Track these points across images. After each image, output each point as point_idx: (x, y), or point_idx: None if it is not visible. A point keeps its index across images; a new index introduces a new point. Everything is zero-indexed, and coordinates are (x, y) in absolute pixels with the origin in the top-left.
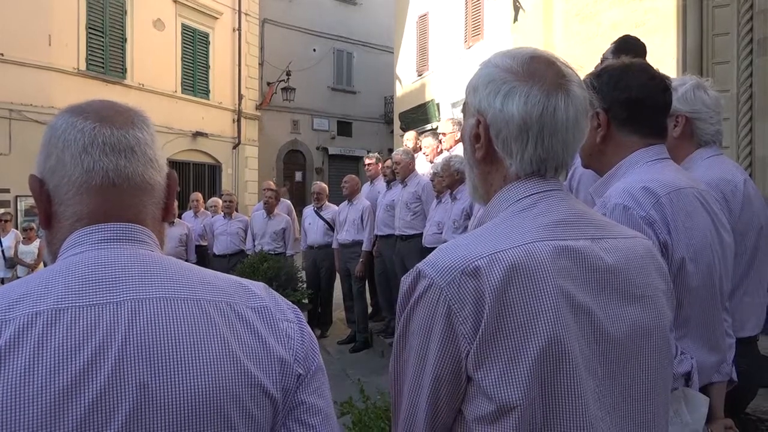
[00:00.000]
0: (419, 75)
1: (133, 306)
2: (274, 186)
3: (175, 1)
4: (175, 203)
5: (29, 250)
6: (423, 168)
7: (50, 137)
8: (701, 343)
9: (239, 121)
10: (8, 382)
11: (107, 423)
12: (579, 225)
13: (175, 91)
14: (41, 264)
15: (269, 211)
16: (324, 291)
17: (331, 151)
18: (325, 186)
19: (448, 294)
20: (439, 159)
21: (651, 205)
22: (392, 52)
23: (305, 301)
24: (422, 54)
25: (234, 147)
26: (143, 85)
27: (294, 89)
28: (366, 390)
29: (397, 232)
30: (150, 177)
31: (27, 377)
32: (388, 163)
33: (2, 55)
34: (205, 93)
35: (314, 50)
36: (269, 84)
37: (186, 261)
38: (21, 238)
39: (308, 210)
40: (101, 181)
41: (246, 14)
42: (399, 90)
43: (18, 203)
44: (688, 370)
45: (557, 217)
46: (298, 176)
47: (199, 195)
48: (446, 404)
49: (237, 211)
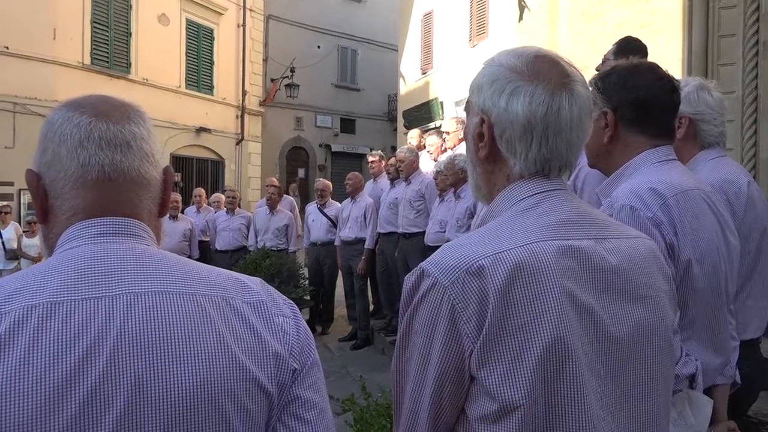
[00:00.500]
0: (423, 73)
1: (129, 300)
2: (278, 182)
3: None
4: (180, 198)
5: (33, 243)
6: (427, 166)
7: (47, 132)
8: (706, 345)
9: (243, 117)
10: (4, 375)
11: (102, 415)
12: (582, 225)
13: (179, 87)
14: (45, 257)
15: (272, 208)
16: (326, 288)
17: (334, 149)
18: (329, 183)
19: (452, 293)
20: (443, 157)
21: (658, 207)
22: (396, 50)
23: (307, 298)
24: (426, 52)
25: (237, 143)
26: (147, 80)
27: (298, 86)
28: (367, 387)
29: (400, 230)
30: (146, 172)
31: (23, 370)
32: (393, 161)
33: (7, 49)
34: (209, 89)
35: (318, 47)
36: (273, 80)
37: (189, 256)
38: (21, 231)
39: (312, 207)
40: (97, 176)
41: (251, 10)
42: (403, 88)
43: (21, 196)
44: (693, 372)
45: (561, 217)
46: (301, 173)
47: (202, 190)
48: (449, 403)
49: (239, 207)
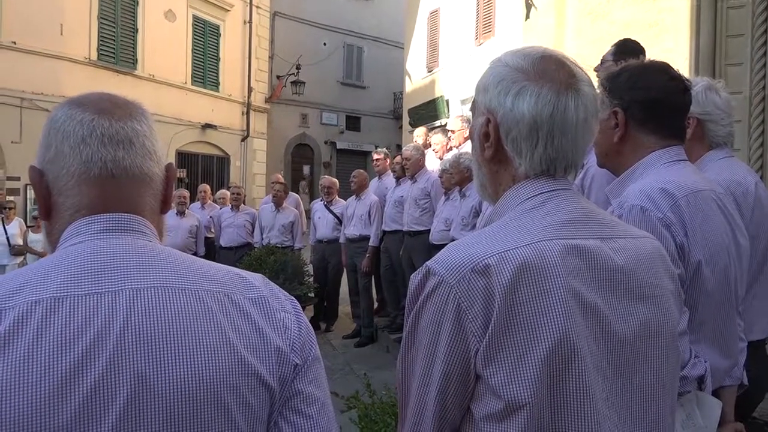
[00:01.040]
0: (429, 71)
1: (131, 295)
2: (283, 179)
3: None
4: (188, 194)
5: (39, 238)
6: (432, 164)
7: (50, 129)
8: (715, 347)
9: (248, 114)
10: (8, 370)
11: (105, 410)
12: (588, 224)
13: (186, 83)
14: (48, 253)
15: (278, 205)
16: (331, 285)
17: (340, 146)
18: (336, 180)
19: (458, 292)
20: (449, 156)
21: (668, 207)
22: (402, 48)
23: (311, 295)
24: (432, 50)
25: (243, 139)
26: (154, 76)
27: (303, 83)
28: (371, 385)
29: (405, 228)
30: (148, 169)
31: (26, 365)
32: (398, 159)
33: (14, 44)
34: (215, 85)
35: (324, 44)
36: (279, 77)
37: (195, 253)
38: (26, 227)
39: (318, 204)
40: (99, 172)
41: (257, 7)
42: (408, 86)
43: (28, 191)
44: (702, 374)
45: (566, 216)
46: (306, 170)
47: (207, 186)
48: (454, 402)
49: (244, 204)
